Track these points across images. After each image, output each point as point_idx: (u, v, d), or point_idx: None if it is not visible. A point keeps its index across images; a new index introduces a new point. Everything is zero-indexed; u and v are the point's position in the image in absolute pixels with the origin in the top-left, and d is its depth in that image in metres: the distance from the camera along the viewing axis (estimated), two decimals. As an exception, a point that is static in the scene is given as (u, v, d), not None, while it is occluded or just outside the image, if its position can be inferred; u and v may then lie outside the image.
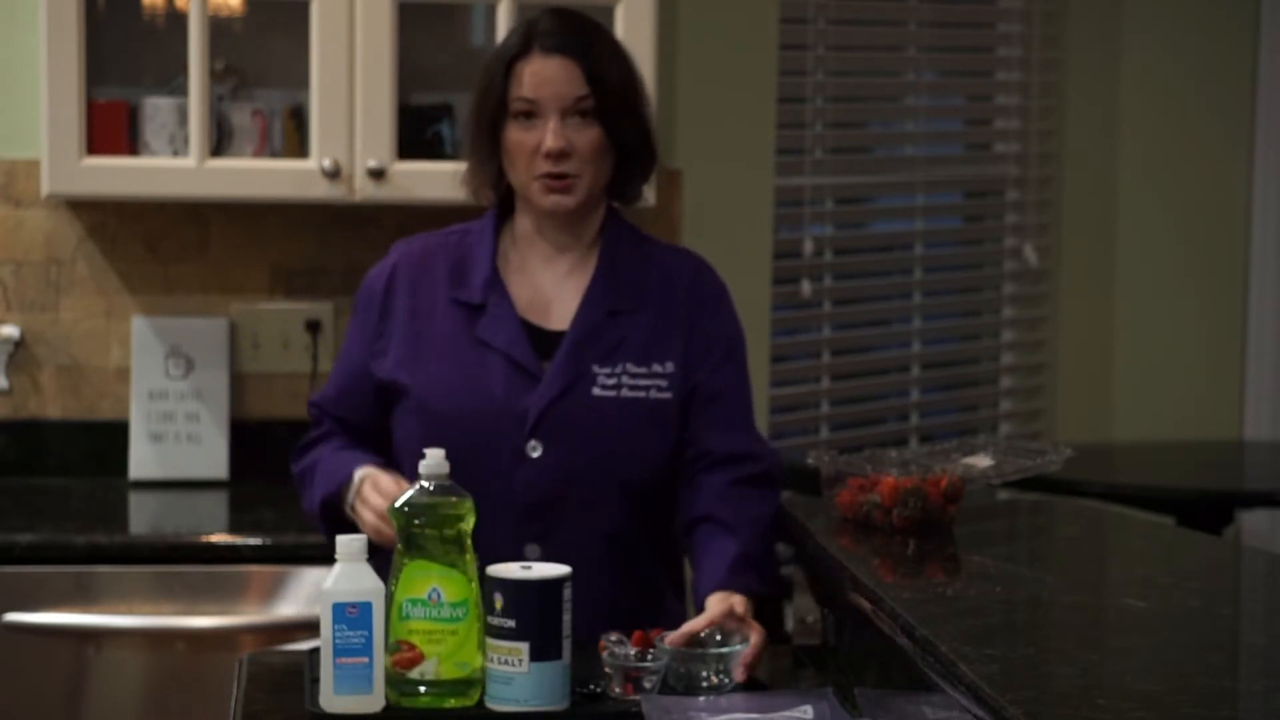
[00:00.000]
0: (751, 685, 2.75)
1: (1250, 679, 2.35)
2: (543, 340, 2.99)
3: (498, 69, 2.96)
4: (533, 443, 2.95)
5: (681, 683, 2.70)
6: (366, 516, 2.90)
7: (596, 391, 2.96)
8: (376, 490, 2.90)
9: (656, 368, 2.99)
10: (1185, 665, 2.36)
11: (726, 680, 2.71)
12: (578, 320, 2.99)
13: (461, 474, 2.77)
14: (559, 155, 2.93)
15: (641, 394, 2.97)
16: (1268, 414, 5.30)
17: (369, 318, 3.05)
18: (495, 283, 3.01)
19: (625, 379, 2.97)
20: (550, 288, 3.03)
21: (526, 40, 2.95)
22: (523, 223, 3.05)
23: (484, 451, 2.93)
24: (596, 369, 2.97)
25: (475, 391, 2.96)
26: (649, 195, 3.91)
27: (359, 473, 2.94)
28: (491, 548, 2.82)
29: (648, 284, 3.03)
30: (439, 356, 2.99)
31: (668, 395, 2.99)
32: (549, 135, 2.93)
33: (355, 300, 3.10)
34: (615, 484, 2.95)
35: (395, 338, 3.02)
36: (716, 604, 2.87)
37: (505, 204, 3.07)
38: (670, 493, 3.03)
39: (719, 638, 2.76)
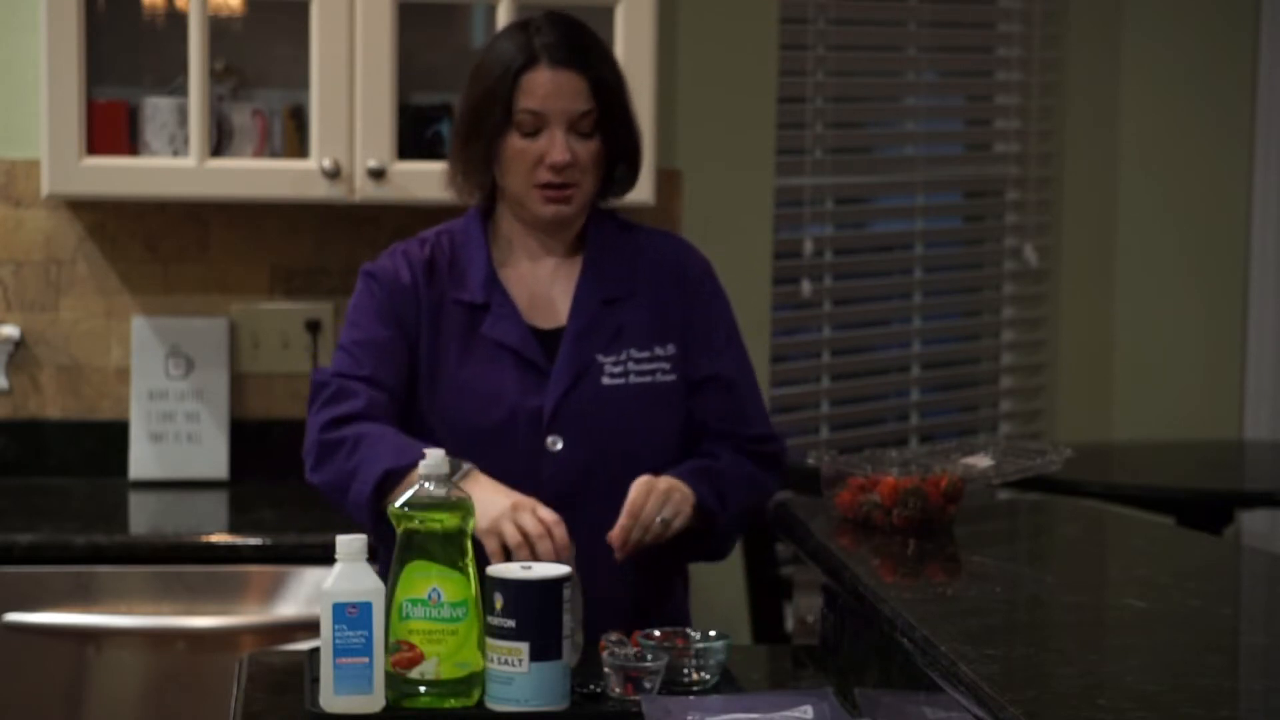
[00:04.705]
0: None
1: (1250, 679, 2.35)
2: (542, 339, 3.00)
3: (502, 78, 2.95)
4: (552, 438, 2.96)
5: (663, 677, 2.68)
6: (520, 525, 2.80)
7: (605, 381, 2.98)
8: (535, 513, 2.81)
9: (659, 350, 3.02)
10: (1185, 665, 2.36)
11: (708, 677, 2.71)
12: (575, 313, 3.00)
13: None
14: (563, 167, 2.94)
15: (648, 378, 3.00)
16: (1268, 414, 5.30)
17: (392, 298, 2.98)
18: (494, 282, 3.01)
19: (631, 365, 3.00)
20: (542, 286, 3.04)
21: (531, 51, 2.95)
22: (507, 223, 3.05)
23: (503, 453, 2.94)
24: (601, 358, 2.99)
25: (488, 397, 2.96)
26: (649, 195, 3.93)
27: (467, 465, 2.86)
28: None
29: (636, 270, 3.05)
30: (452, 366, 2.98)
31: (672, 377, 3.02)
32: (556, 148, 2.93)
33: (369, 280, 3.02)
34: (634, 469, 2.95)
35: (422, 341, 2.98)
36: (638, 485, 2.89)
37: (486, 203, 3.07)
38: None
39: (698, 635, 2.75)
